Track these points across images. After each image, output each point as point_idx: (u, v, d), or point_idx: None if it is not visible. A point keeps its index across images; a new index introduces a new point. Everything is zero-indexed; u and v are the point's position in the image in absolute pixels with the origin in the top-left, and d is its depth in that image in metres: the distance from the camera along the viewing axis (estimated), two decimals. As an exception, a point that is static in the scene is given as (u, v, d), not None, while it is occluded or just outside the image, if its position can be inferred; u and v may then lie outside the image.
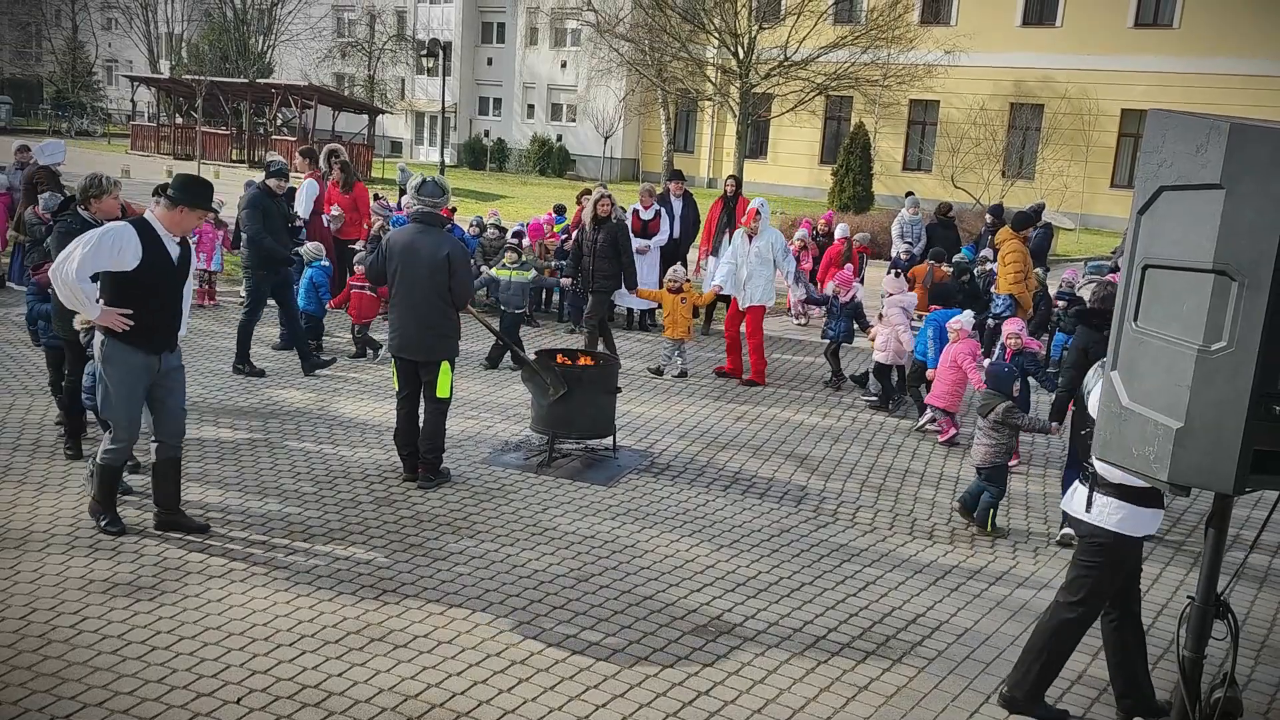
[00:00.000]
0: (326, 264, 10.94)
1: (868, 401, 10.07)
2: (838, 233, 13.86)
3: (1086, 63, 31.39)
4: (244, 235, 9.90)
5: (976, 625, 5.63)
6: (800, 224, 15.21)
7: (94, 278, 5.64)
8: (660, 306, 11.43)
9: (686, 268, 11.84)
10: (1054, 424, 7.21)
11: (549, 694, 4.63)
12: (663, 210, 12.86)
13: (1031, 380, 8.59)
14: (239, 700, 4.42)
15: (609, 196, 10.83)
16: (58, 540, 5.91)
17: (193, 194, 5.95)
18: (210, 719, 4.28)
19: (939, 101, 33.81)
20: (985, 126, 31.35)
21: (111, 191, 6.86)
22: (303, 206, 11.67)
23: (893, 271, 11.36)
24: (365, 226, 12.73)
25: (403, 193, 14.25)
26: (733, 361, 10.84)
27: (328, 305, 11.06)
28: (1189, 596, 3.47)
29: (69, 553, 5.76)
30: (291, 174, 12.24)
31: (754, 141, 35.42)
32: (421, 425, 7.15)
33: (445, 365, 7.04)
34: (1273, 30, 28.98)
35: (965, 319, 8.95)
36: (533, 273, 11.74)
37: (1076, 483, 4.71)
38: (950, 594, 6.01)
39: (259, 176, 10.66)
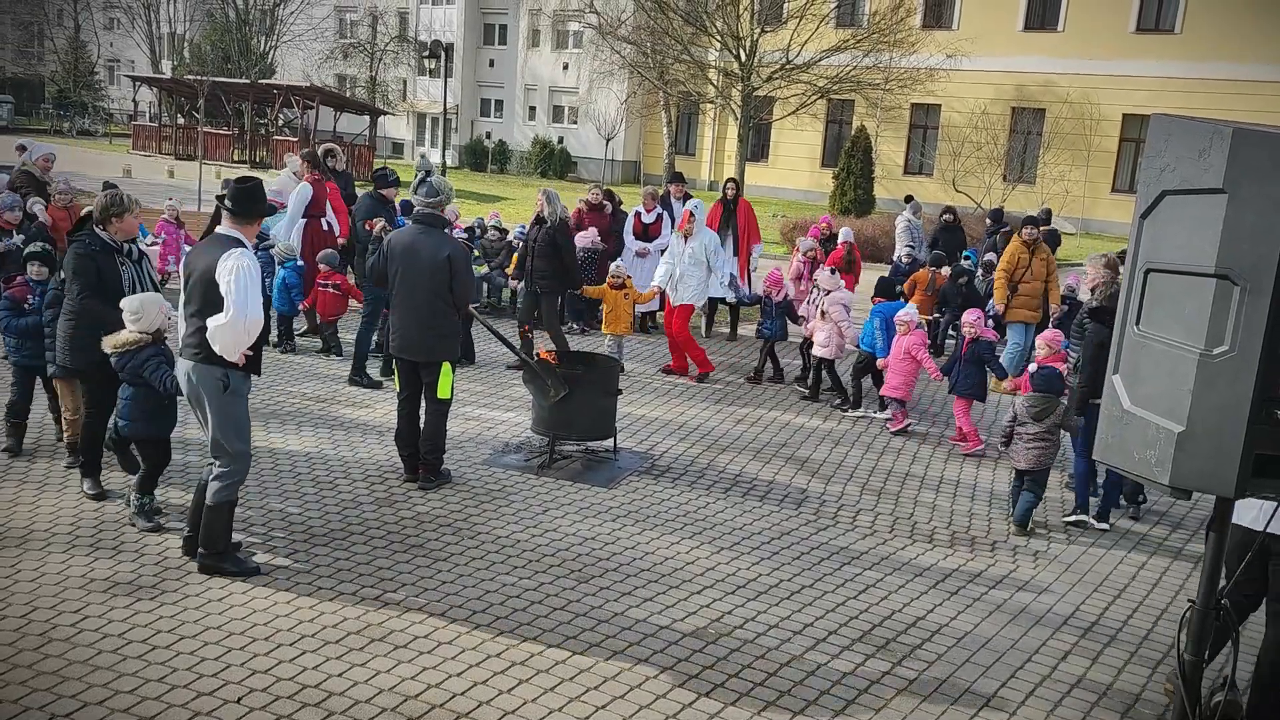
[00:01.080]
0: (300, 264, 10.83)
1: (799, 394, 10.43)
2: (841, 236, 13.85)
3: (1088, 67, 31.39)
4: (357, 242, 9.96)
5: (977, 629, 5.63)
6: (809, 232, 15.18)
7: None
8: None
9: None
10: (1076, 418, 7.42)
11: (549, 695, 4.64)
12: (664, 213, 12.87)
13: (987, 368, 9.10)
14: (239, 700, 4.42)
15: (546, 192, 10.70)
16: (59, 539, 5.92)
17: (255, 203, 5.60)
18: (211, 718, 4.29)
19: (940, 105, 33.81)
20: (987, 130, 31.37)
21: (133, 210, 6.44)
22: (292, 210, 11.48)
23: (830, 269, 11.59)
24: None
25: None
26: (677, 360, 10.93)
27: (300, 306, 10.94)
28: (1189, 600, 3.48)
29: (70, 552, 5.77)
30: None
31: (755, 144, 35.40)
32: (422, 426, 7.15)
33: (446, 366, 7.04)
34: (1275, 35, 28.98)
35: (910, 311, 9.38)
36: (485, 268, 11.79)
37: None
38: (950, 598, 6.01)
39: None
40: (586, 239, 12.49)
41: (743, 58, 28.20)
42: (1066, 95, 31.63)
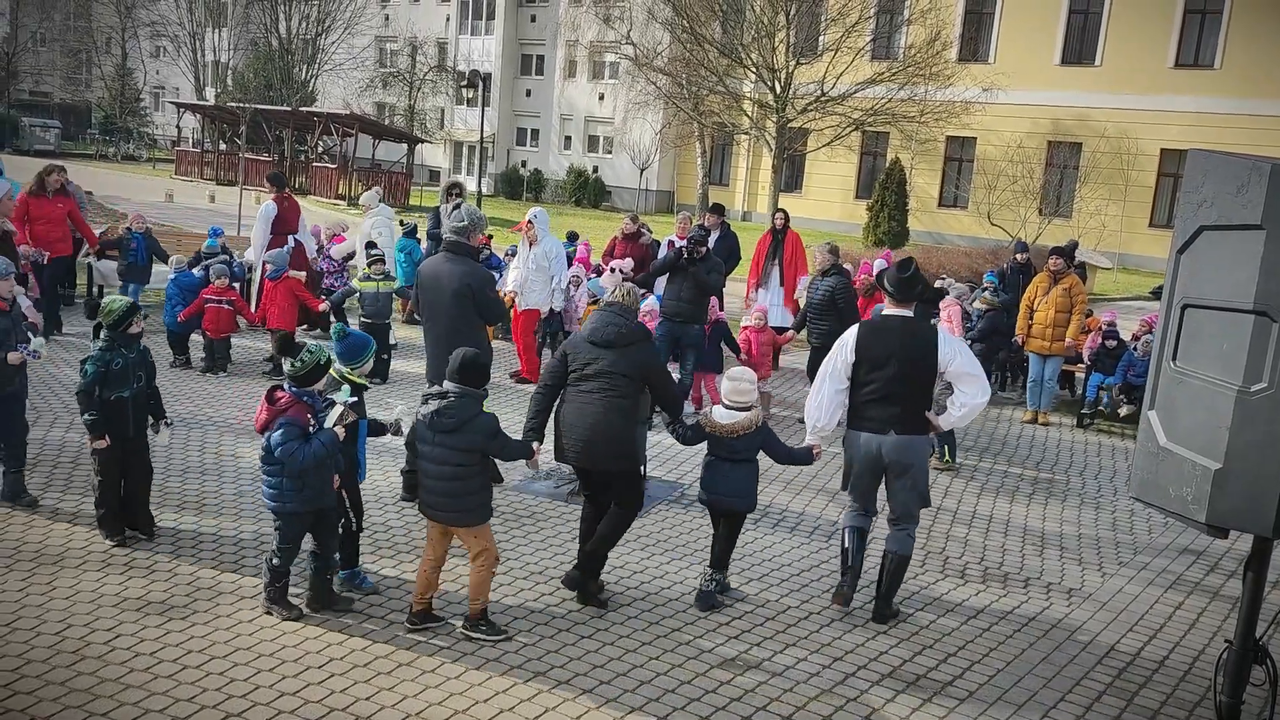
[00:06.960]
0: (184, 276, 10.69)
1: None
2: (876, 267, 13.94)
3: (1126, 102, 31.22)
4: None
5: (1009, 666, 5.56)
6: (862, 268, 15.23)
7: None
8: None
9: (721, 299, 11.84)
10: None
11: (575, 724, 4.62)
12: (701, 240, 12.92)
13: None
14: (267, 721, 4.44)
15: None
16: (93, 559, 5.98)
17: (915, 287, 5.92)
18: (239, 739, 4.31)
19: (976, 138, 33.72)
20: (1022, 164, 31.19)
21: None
22: (259, 229, 11.64)
23: (612, 267, 12.29)
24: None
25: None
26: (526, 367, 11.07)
27: (179, 317, 10.53)
28: (1227, 641, 3.42)
29: (104, 571, 5.83)
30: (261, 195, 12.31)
31: (789, 175, 35.47)
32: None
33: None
34: (1315, 72, 28.74)
35: (650, 301, 9.96)
36: (398, 282, 11.86)
37: None
38: (983, 634, 5.94)
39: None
40: (618, 267, 12.60)
41: (778, 89, 28.35)
42: (1104, 129, 31.45)
